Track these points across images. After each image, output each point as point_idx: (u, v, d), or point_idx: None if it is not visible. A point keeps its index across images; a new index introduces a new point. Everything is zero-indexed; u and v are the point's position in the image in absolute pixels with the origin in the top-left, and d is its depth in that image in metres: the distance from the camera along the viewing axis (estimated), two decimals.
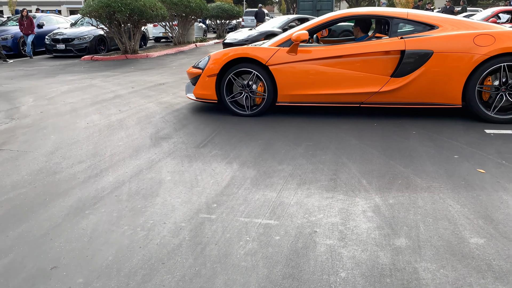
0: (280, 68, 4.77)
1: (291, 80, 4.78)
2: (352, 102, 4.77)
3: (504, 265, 2.00)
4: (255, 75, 4.86)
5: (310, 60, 4.72)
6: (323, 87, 4.72)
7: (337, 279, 1.95)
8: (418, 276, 1.94)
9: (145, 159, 3.62)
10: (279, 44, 4.90)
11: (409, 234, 2.31)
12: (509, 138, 3.91)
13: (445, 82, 4.43)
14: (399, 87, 4.53)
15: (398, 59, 4.52)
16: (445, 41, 4.39)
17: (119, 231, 2.42)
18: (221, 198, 2.82)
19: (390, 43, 4.53)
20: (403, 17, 4.67)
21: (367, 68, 4.62)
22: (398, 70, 4.50)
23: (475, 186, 2.89)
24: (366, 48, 4.58)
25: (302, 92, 4.80)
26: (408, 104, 4.64)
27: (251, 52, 4.84)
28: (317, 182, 3.03)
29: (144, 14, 11.90)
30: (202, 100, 5.23)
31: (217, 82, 5.03)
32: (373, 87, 4.60)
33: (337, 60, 4.66)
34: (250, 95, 4.98)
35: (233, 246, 2.24)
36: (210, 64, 5.00)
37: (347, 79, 4.66)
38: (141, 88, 7.20)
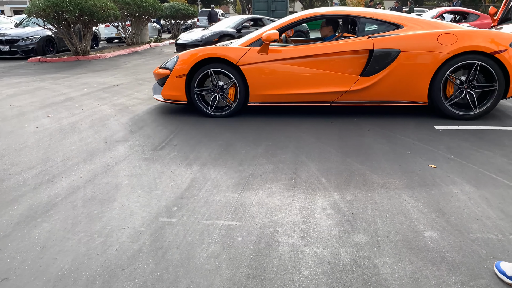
0: (251, 68, 4.74)
1: (262, 80, 4.76)
2: (323, 101, 4.82)
3: (457, 257, 2.10)
4: (220, 74, 4.82)
5: (281, 59, 4.72)
6: (294, 86, 4.74)
7: (300, 277, 1.96)
8: (378, 271, 2.00)
9: (100, 163, 3.50)
10: (249, 43, 4.86)
11: (367, 230, 2.37)
12: (456, 134, 4.12)
13: (412, 80, 4.57)
14: (368, 86, 4.63)
15: (366, 58, 4.62)
16: (411, 40, 4.53)
17: (75, 239, 2.31)
18: (182, 201, 2.77)
19: (358, 43, 4.61)
20: (369, 17, 4.76)
21: (337, 68, 4.68)
22: (367, 69, 4.59)
23: (428, 181, 3.02)
24: (336, 48, 4.64)
25: (273, 92, 4.79)
26: (377, 103, 4.75)
27: (221, 52, 4.77)
28: (278, 182, 3.05)
29: (94, 14, 11.50)
30: (170, 102, 5.10)
31: (187, 83, 4.93)
32: (343, 86, 4.67)
33: (308, 59, 4.70)
34: (221, 96, 4.91)
35: (195, 249, 2.21)
36: (179, 65, 4.89)
37: (317, 79, 4.70)
38: (94, 90, 6.95)
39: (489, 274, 1.96)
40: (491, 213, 2.54)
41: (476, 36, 4.44)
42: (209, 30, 11.82)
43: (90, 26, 12.14)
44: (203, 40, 10.93)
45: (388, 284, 1.90)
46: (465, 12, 12.82)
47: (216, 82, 4.86)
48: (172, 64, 5.01)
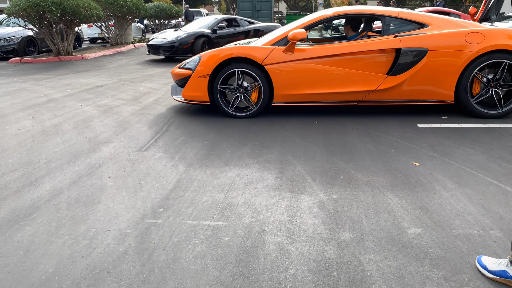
0: (277, 68, 4.70)
1: (287, 79, 4.72)
2: (349, 100, 4.81)
3: (440, 253, 2.14)
4: (244, 74, 4.77)
5: (307, 59, 4.68)
6: (320, 86, 4.73)
7: (286, 275, 1.98)
8: (363, 268, 2.03)
9: (84, 165, 3.46)
10: (274, 43, 4.81)
11: (352, 228, 2.40)
12: (438, 132, 4.19)
13: (439, 79, 4.59)
14: (396, 85, 4.63)
15: (393, 57, 4.62)
16: (439, 38, 4.54)
17: (59, 242, 2.29)
18: (167, 202, 2.76)
19: (386, 42, 4.60)
20: (394, 16, 4.76)
21: (364, 67, 4.67)
22: (395, 68, 4.58)
23: (411, 179, 3.07)
24: (363, 47, 4.62)
25: (298, 92, 4.76)
26: (403, 102, 4.75)
27: (246, 51, 4.71)
28: (264, 181, 3.06)
29: (77, 14, 11.35)
30: (192, 102, 5.03)
31: (210, 83, 4.87)
32: (370, 86, 4.67)
33: (334, 58, 4.67)
34: (243, 96, 4.87)
35: (181, 250, 2.20)
36: (202, 65, 4.82)
37: (344, 78, 4.68)
38: (77, 91, 6.86)
39: (471, 269, 2.01)
40: (473, 209, 2.59)
41: (503, 35, 4.45)
42: (183, 31, 11.36)
43: (72, 26, 11.98)
44: (177, 41, 10.70)
45: (373, 281, 1.93)
46: (446, 12, 13.04)
47: (241, 82, 4.81)
48: (194, 65, 4.94)
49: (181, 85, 5.19)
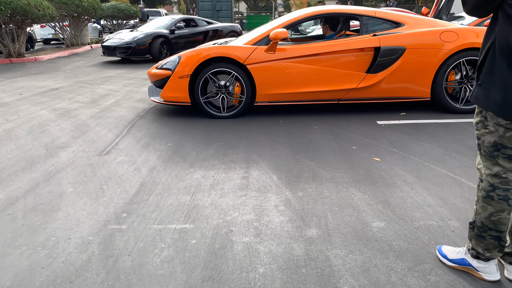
0: (259, 67, 4.66)
1: (270, 79, 4.70)
2: (331, 99, 4.84)
3: (403, 244, 2.21)
4: (233, 76, 4.70)
5: (288, 58, 4.67)
6: (302, 85, 4.73)
7: (256, 275, 1.98)
8: (331, 263, 2.06)
9: (41, 171, 3.31)
10: (255, 42, 4.78)
11: (318, 224, 2.43)
12: (397, 128, 4.33)
13: (417, 76, 4.71)
14: (375, 83, 4.71)
15: (372, 55, 4.70)
16: (416, 37, 4.66)
17: (16, 253, 2.17)
18: (131, 207, 2.69)
19: (365, 40, 4.67)
20: (371, 15, 4.85)
21: (344, 65, 4.72)
22: (374, 67, 4.66)
23: (373, 174, 3.15)
24: (343, 46, 4.67)
25: (281, 91, 4.75)
26: (382, 99, 4.84)
27: (228, 51, 4.65)
28: (230, 182, 3.05)
29: (28, 14, 10.85)
30: (172, 103, 4.90)
31: (190, 84, 4.76)
32: (351, 84, 4.72)
33: (316, 57, 4.70)
34: (226, 96, 4.79)
35: (147, 255, 2.15)
36: (182, 65, 4.71)
37: (325, 77, 4.71)
38: (31, 95, 6.56)
39: (432, 258, 2.08)
40: (432, 201, 2.69)
41: (473, 33, 4.63)
42: (140, 31, 11.06)
43: (23, 27, 11.45)
44: (134, 42, 10.42)
45: (341, 275, 1.96)
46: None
47: (224, 83, 4.73)
48: (173, 65, 4.82)
49: (159, 86, 5.07)
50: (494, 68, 1.68)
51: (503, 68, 1.65)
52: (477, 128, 1.83)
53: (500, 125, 1.71)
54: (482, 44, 1.77)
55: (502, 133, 1.72)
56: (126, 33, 11.28)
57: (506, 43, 1.62)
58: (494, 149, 1.77)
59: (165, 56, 10.89)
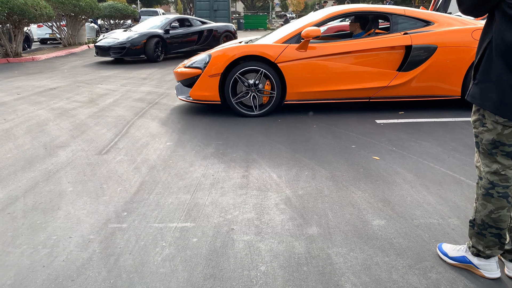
0: (290, 66, 4.65)
1: (300, 77, 4.69)
2: (361, 97, 4.85)
3: (403, 242, 2.22)
4: (262, 74, 4.68)
5: (319, 56, 4.67)
6: (333, 83, 4.73)
7: (257, 273, 1.98)
8: (332, 261, 2.06)
9: (40, 170, 3.30)
10: (285, 40, 4.77)
11: (319, 222, 2.44)
12: (396, 127, 4.34)
13: (448, 75, 4.72)
14: (406, 81, 4.72)
15: (403, 54, 4.70)
16: (447, 35, 4.66)
17: (16, 252, 2.17)
18: (132, 206, 2.68)
19: (397, 39, 4.67)
20: (401, 14, 4.85)
21: (375, 63, 4.72)
22: (406, 65, 4.67)
23: (372, 173, 3.16)
24: (375, 44, 4.67)
25: (311, 89, 4.74)
26: (413, 97, 4.85)
27: (259, 49, 4.63)
28: (230, 180, 3.05)
29: (25, 14, 10.81)
30: (200, 102, 4.89)
31: (221, 82, 4.75)
32: (382, 82, 4.74)
33: (347, 56, 4.69)
34: (257, 94, 4.78)
35: (149, 253, 2.15)
36: (212, 63, 4.70)
37: (356, 75, 4.72)
38: (29, 94, 6.54)
39: (433, 256, 2.09)
40: (431, 199, 2.70)
41: None
42: (134, 31, 10.81)
43: (21, 26, 11.41)
44: (128, 42, 10.22)
45: (342, 273, 1.97)
46: None
47: (254, 81, 4.72)
48: (203, 63, 4.81)
49: (187, 84, 5.05)
50: (491, 67, 1.69)
51: (500, 67, 1.66)
52: (475, 126, 1.84)
53: (498, 123, 1.72)
54: (479, 43, 1.78)
55: (500, 131, 1.73)
56: (120, 33, 11.07)
57: (503, 42, 1.63)
58: (492, 147, 1.78)
59: (160, 56, 10.76)
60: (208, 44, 11.95)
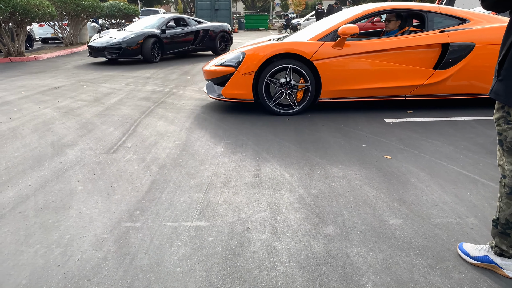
0: (325, 63, 4.62)
1: (336, 75, 4.66)
2: (397, 95, 4.82)
3: (422, 242, 2.18)
4: (292, 70, 4.64)
5: (355, 54, 4.63)
6: (369, 81, 4.70)
7: (276, 273, 1.95)
8: (351, 261, 2.03)
9: (49, 169, 3.27)
10: (320, 38, 4.73)
11: (335, 222, 2.41)
12: (405, 126, 4.31)
13: (485, 73, 4.67)
14: (443, 79, 4.69)
15: (439, 52, 4.67)
16: (485, 33, 4.61)
17: (30, 251, 2.14)
18: (144, 204, 2.65)
19: (434, 36, 4.63)
20: (436, 11, 4.81)
21: (411, 61, 4.68)
22: (443, 63, 4.63)
23: (385, 171, 3.13)
24: (411, 42, 4.63)
25: (346, 87, 4.71)
26: (449, 96, 4.82)
27: (295, 47, 4.58)
28: (242, 179, 3.02)
29: (28, 13, 10.78)
30: (233, 100, 4.85)
31: (254, 81, 4.71)
32: (418, 80, 4.70)
33: (382, 53, 4.66)
34: (291, 91, 4.73)
35: (164, 252, 2.12)
36: (247, 61, 4.65)
37: (392, 73, 4.68)
38: (33, 93, 6.51)
39: (453, 256, 2.06)
40: (447, 198, 2.67)
41: None
42: (129, 31, 10.44)
43: (23, 26, 11.37)
44: (124, 42, 9.80)
45: (362, 273, 1.93)
46: None
47: (289, 79, 4.67)
48: (236, 61, 4.76)
49: (219, 83, 5.00)
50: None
51: None
52: (498, 124, 1.81)
53: None
54: (503, 40, 1.75)
55: None
56: (115, 32, 10.70)
57: None
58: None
59: (156, 57, 10.39)
60: (205, 44, 11.71)
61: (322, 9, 20.68)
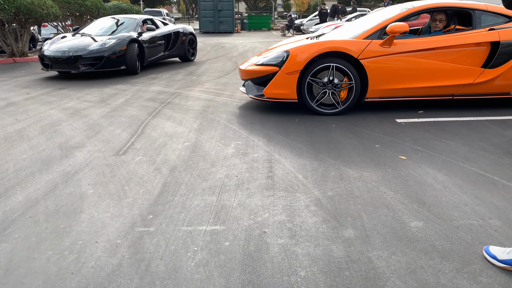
0: (373, 62, 4.54)
1: (384, 74, 4.58)
2: (445, 94, 4.74)
3: (446, 245, 2.11)
4: (335, 69, 4.57)
5: (403, 52, 4.55)
6: (417, 80, 4.62)
7: (297, 279, 1.88)
8: (374, 265, 1.96)
9: (58, 172, 3.21)
10: (367, 36, 4.65)
11: (354, 225, 2.34)
12: (418, 126, 4.24)
13: None
14: (493, 78, 4.60)
15: (488, 50, 4.59)
16: None
17: (42, 258, 2.08)
18: (157, 208, 2.59)
19: (483, 35, 4.56)
20: (483, 9, 4.73)
21: (459, 60, 4.60)
22: (493, 61, 4.55)
23: (401, 172, 3.06)
24: (460, 40, 4.56)
25: (394, 86, 4.64)
26: (497, 95, 4.73)
27: (342, 45, 4.51)
28: (255, 181, 2.95)
29: (32, 13, 10.75)
30: (275, 100, 4.78)
31: (299, 80, 4.63)
32: (467, 79, 4.62)
33: (431, 52, 4.58)
34: (335, 90, 4.66)
35: (181, 258, 2.05)
36: (292, 60, 4.58)
37: (441, 72, 4.60)
38: (38, 94, 6.46)
39: (480, 259, 1.99)
40: (467, 199, 2.60)
41: None
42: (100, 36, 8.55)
43: (27, 26, 11.35)
44: (107, 49, 7.82)
45: (387, 278, 1.87)
46: None
47: (332, 78, 4.61)
48: (280, 61, 4.67)
49: (259, 83, 4.93)
50: None
51: None
52: None
53: None
54: None
55: None
56: (73, 38, 8.45)
57: None
58: None
59: (140, 66, 8.67)
60: (176, 49, 10.05)
61: (326, 9, 20.59)
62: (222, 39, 20.06)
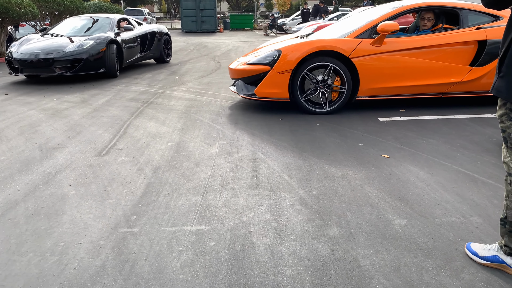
0: (364, 61, 4.55)
1: (375, 72, 4.59)
2: (434, 93, 4.77)
3: (429, 242, 2.15)
4: (331, 69, 4.57)
5: (394, 51, 4.58)
6: (407, 79, 4.65)
7: (283, 278, 1.88)
8: (359, 264, 1.98)
9: (38, 173, 3.14)
10: (358, 35, 4.65)
11: (339, 223, 2.36)
12: (400, 124, 4.30)
13: None
14: (480, 76, 4.65)
15: (476, 49, 4.64)
16: None
17: (23, 260, 2.03)
18: (140, 209, 2.56)
19: (471, 33, 4.60)
20: (470, 8, 4.78)
21: (448, 59, 4.65)
22: (481, 60, 4.60)
23: (384, 171, 3.09)
24: (448, 39, 4.60)
25: (385, 85, 4.65)
26: (482, 93, 4.78)
27: (333, 44, 4.50)
28: (240, 181, 2.94)
29: (9, 12, 10.49)
30: (267, 100, 4.74)
31: (290, 79, 4.60)
32: (455, 77, 4.66)
33: (420, 51, 4.61)
34: (326, 91, 4.66)
35: (166, 259, 2.03)
36: (284, 59, 4.55)
37: (430, 70, 4.64)
38: (17, 95, 6.31)
39: (462, 256, 2.03)
40: (449, 197, 2.65)
41: None
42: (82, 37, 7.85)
43: (4, 25, 11.07)
44: (85, 51, 7.25)
45: (372, 276, 1.88)
46: None
47: (327, 78, 4.60)
48: (271, 59, 4.64)
49: (250, 82, 4.89)
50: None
51: None
52: (501, 121, 1.78)
53: None
54: (503, 36, 1.73)
55: None
56: (47, 39, 7.75)
57: None
58: None
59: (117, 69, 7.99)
60: (152, 51, 9.64)
61: (308, 9, 20.70)
62: (205, 38, 19.98)
